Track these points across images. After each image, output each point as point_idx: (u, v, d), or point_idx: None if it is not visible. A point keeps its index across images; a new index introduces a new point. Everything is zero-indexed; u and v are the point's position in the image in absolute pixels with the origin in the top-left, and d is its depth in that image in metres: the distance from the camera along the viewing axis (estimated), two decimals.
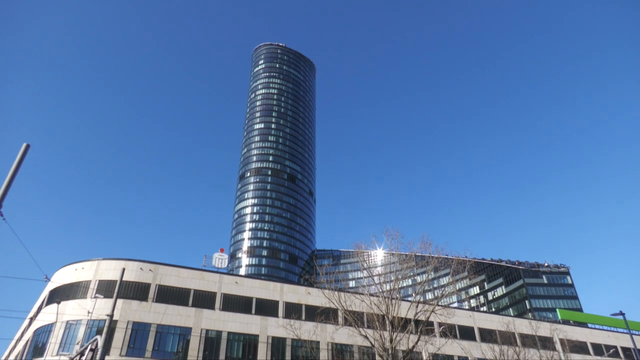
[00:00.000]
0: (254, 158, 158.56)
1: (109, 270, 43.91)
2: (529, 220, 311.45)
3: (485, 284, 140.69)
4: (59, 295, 42.76)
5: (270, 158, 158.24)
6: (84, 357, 19.32)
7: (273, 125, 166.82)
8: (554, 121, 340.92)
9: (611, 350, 60.63)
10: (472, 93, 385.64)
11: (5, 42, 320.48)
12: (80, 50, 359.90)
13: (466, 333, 56.22)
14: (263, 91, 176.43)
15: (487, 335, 55.38)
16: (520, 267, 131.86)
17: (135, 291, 43.62)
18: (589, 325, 75.98)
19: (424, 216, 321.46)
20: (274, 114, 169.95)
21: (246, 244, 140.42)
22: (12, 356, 56.08)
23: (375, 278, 43.37)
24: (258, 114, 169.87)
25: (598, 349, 62.71)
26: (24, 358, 44.30)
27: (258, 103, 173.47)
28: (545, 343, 52.16)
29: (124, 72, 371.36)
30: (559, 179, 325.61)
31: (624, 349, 65.83)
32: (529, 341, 52.43)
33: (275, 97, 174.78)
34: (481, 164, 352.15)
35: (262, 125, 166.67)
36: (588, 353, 61.33)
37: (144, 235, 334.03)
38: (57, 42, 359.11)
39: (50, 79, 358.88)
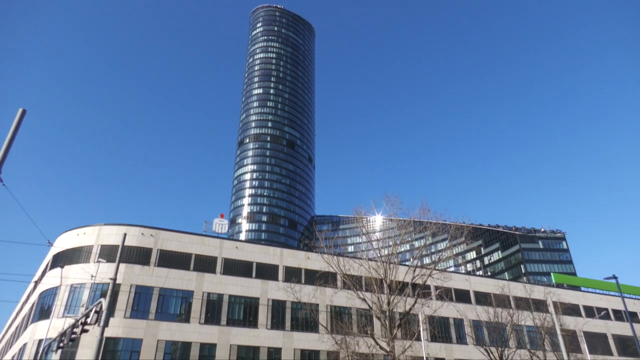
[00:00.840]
0: (253, 124, 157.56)
1: (111, 235, 44.45)
2: (528, 187, 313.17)
3: (482, 249, 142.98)
4: (62, 259, 43.46)
5: (269, 124, 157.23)
6: (89, 319, 19.83)
7: (272, 91, 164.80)
8: (552, 86, 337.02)
9: (602, 312, 62.28)
10: (474, 57, 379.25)
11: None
12: (74, 14, 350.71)
13: (462, 296, 57.61)
14: (261, 55, 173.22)
15: (482, 298, 56.75)
16: (517, 233, 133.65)
17: (137, 256, 44.34)
18: (582, 288, 77.81)
19: (423, 182, 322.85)
20: (272, 79, 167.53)
21: (246, 210, 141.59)
22: (20, 318, 57.62)
23: (374, 243, 43.98)
24: (256, 79, 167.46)
25: (590, 311, 64.45)
26: (31, 319, 45.49)
27: (256, 68, 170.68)
28: (539, 306, 53.51)
29: (118, 38, 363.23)
30: (558, 145, 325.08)
31: (615, 311, 67.67)
32: (523, 304, 53.77)
33: (273, 61, 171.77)
34: (481, 129, 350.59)
35: (260, 91, 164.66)
36: (580, 315, 63.08)
37: (144, 201, 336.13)
38: (51, 5, 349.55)
39: (47, 42, 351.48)
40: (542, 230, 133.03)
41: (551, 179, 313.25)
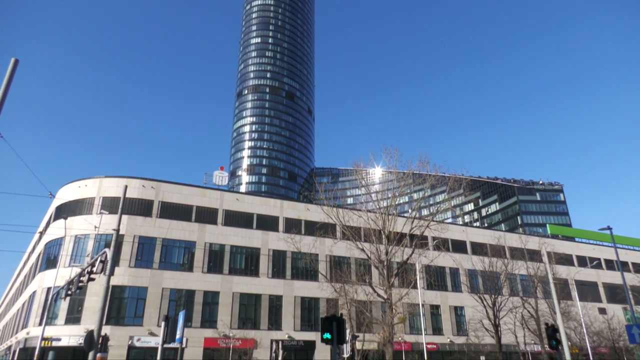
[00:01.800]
0: (251, 75, 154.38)
1: (112, 187, 44.77)
2: (529, 139, 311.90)
3: (480, 200, 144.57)
4: (65, 211, 44.03)
5: (268, 75, 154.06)
6: (94, 268, 20.36)
7: (270, 40, 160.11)
8: (551, 39, 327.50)
9: (595, 262, 63.95)
10: (476, 8, 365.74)
11: None
12: None
13: (458, 246, 58.94)
14: (259, 1, 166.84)
15: (478, 249, 58.10)
16: (515, 185, 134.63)
17: (139, 207, 44.89)
18: (576, 239, 79.41)
19: (423, 134, 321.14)
20: (271, 27, 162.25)
21: (245, 162, 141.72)
22: (27, 267, 59.22)
23: (373, 195, 44.47)
24: (254, 27, 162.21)
25: (582, 261, 66.18)
26: (38, 268, 46.76)
27: (254, 15, 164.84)
28: (533, 256, 54.83)
29: None
30: (558, 97, 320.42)
31: (607, 261, 69.51)
32: (518, 254, 55.08)
33: (272, 8, 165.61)
34: (482, 81, 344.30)
35: (258, 40, 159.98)
36: (572, 264, 64.84)
37: (144, 154, 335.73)
38: None
39: None
40: (540, 182, 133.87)
41: (551, 130, 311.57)
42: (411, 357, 47.31)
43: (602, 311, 61.76)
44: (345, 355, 20.77)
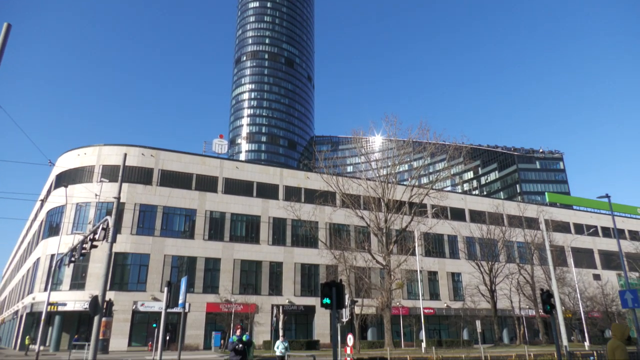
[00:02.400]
0: (250, 41, 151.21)
1: (111, 155, 44.71)
2: (529, 107, 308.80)
3: (480, 169, 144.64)
4: (66, 179, 44.14)
5: (267, 41, 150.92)
6: (97, 235, 20.59)
7: (269, 4, 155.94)
8: (550, 2, 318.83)
9: (591, 230, 64.68)
10: None
11: None
12: None
13: (457, 214, 59.44)
14: None
15: (477, 217, 58.61)
16: (515, 153, 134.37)
17: (139, 176, 44.97)
18: (574, 207, 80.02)
19: (424, 102, 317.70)
20: None
21: (245, 130, 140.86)
22: (30, 234, 59.89)
23: (373, 163, 44.45)
24: None
25: (579, 228, 66.92)
26: (41, 236, 47.31)
27: None
28: (531, 223, 55.39)
29: None
30: (561, 64, 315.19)
31: (603, 228, 70.31)
32: (516, 222, 55.65)
33: None
34: (484, 48, 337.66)
35: (257, 4, 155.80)
36: (569, 232, 65.59)
37: (142, 123, 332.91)
38: None
39: None
40: (541, 150, 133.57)
41: (553, 98, 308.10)
42: (408, 322, 48.54)
43: (597, 277, 62.94)
44: (345, 320, 21.30)
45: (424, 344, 36.81)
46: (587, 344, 42.41)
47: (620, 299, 16.83)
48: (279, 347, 17.74)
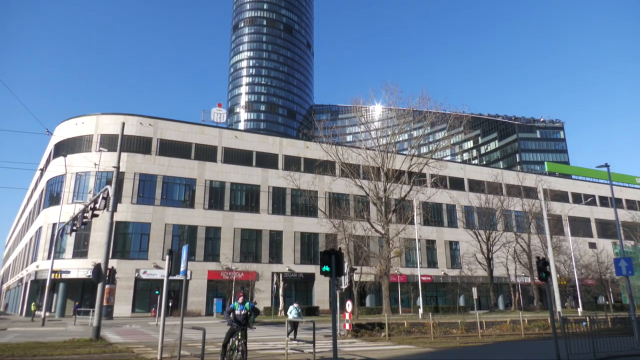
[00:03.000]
0: (247, 6, 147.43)
1: (109, 124, 44.41)
2: (531, 75, 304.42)
3: (480, 138, 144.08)
4: (64, 148, 44.01)
5: (265, 6, 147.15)
6: (97, 204, 20.71)
7: None
8: None
9: (589, 199, 65.09)
10: None
11: None
12: None
13: (456, 184, 59.67)
14: None
15: (476, 186, 58.84)
16: (516, 123, 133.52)
17: (138, 145, 44.82)
18: (573, 177, 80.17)
19: (425, 71, 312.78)
20: None
21: (244, 99, 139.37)
22: (32, 203, 60.22)
23: (372, 133, 44.25)
24: None
25: (577, 197, 67.31)
26: (42, 205, 47.59)
27: None
28: (530, 193, 55.69)
29: None
30: (564, 31, 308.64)
31: (601, 198, 70.76)
32: (515, 191, 55.91)
33: None
34: (486, 16, 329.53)
35: None
36: (567, 201, 66.03)
37: (139, 91, 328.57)
38: None
39: None
40: (542, 120, 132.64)
41: (555, 66, 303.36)
42: (406, 289, 49.51)
43: (592, 246, 63.77)
44: (344, 287, 21.72)
45: (421, 310, 37.68)
46: (580, 310, 43.43)
47: (615, 267, 17.11)
48: (292, 312, 18.06)
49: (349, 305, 20.80)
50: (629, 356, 13.06)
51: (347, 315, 20.82)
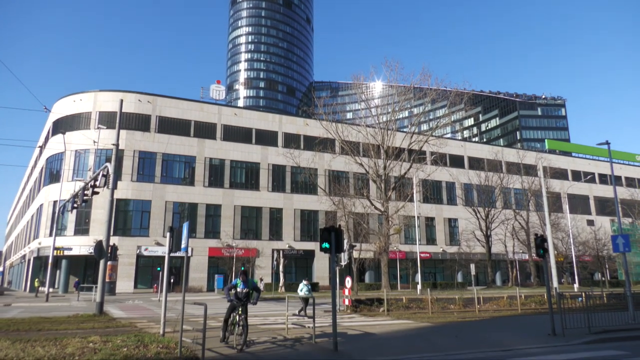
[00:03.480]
0: None
1: (108, 101, 44.05)
2: (533, 51, 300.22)
3: (480, 115, 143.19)
4: (63, 126, 43.78)
5: None
6: (97, 182, 20.73)
7: None
8: None
9: (588, 177, 65.14)
10: None
11: None
12: None
13: (456, 161, 59.62)
14: None
15: (476, 164, 58.80)
16: (517, 99, 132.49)
17: (137, 122, 44.57)
18: (573, 154, 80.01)
19: (426, 47, 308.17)
20: None
21: (242, 76, 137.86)
22: (32, 181, 60.28)
23: (373, 110, 43.90)
24: None
25: (577, 175, 67.38)
26: (42, 183, 47.65)
27: None
28: (529, 170, 55.69)
29: None
30: (566, 7, 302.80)
31: (601, 175, 70.82)
32: (514, 169, 55.93)
33: None
34: None
35: None
36: (567, 179, 66.11)
37: (136, 68, 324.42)
38: None
39: None
40: (543, 97, 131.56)
41: (558, 43, 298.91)
42: (405, 265, 50.06)
43: (591, 223, 64.18)
44: (343, 263, 21.96)
45: (419, 286, 38.18)
46: (576, 286, 44.03)
47: (612, 244, 17.25)
48: (303, 290, 18.06)
49: (348, 282, 21.05)
50: (623, 330, 13.30)
51: (346, 291, 21.10)
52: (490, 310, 21.32)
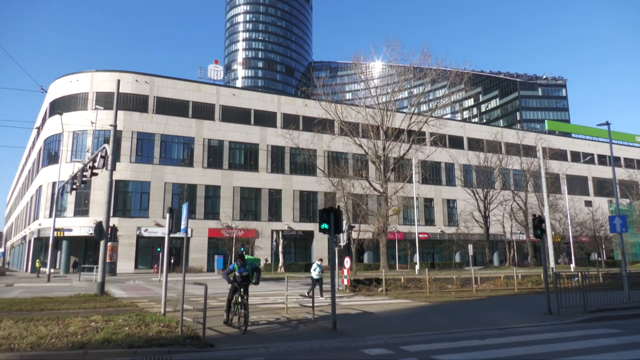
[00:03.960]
0: None
1: (105, 82, 43.64)
2: (535, 30, 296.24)
3: (481, 96, 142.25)
4: (60, 106, 43.46)
5: None
6: (96, 163, 20.67)
7: None
8: None
9: (587, 158, 65.16)
10: None
11: None
12: None
13: (455, 142, 59.49)
14: None
15: (475, 144, 58.70)
16: (518, 80, 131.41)
17: (134, 103, 44.24)
18: (573, 135, 79.87)
19: (427, 25, 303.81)
20: None
21: (241, 55, 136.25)
22: (30, 162, 60.14)
23: (372, 90, 43.55)
24: None
25: (576, 156, 67.36)
26: (41, 164, 47.54)
27: None
28: (528, 151, 55.62)
29: None
30: None
31: (600, 156, 70.84)
32: (514, 150, 55.85)
33: None
34: None
35: None
36: (566, 160, 66.12)
37: (132, 47, 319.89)
38: None
39: None
40: (544, 77, 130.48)
41: (560, 21, 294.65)
42: (403, 246, 50.44)
43: (588, 204, 64.41)
44: (342, 244, 22.10)
45: (417, 267, 38.55)
46: (572, 266, 44.45)
47: (610, 224, 17.35)
48: (316, 270, 17.90)
49: (347, 262, 21.22)
50: (618, 309, 13.49)
51: (345, 272, 21.29)
52: (487, 290, 21.57)
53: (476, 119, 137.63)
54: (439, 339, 9.44)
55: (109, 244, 23.83)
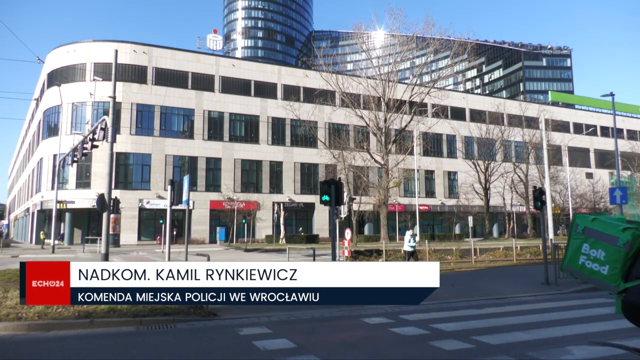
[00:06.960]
0: None
1: (102, 52, 42.96)
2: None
3: (484, 66, 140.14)
4: (58, 77, 42.95)
5: None
6: (96, 135, 20.58)
7: None
8: None
9: (590, 129, 64.71)
10: None
11: None
12: None
13: (457, 114, 59.01)
14: None
15: (477, 116, 58.21)
16: (522, 50, 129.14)
17: (133, 74, 43.69)
18: (576, 106, 79.04)
19: None
20: None
21: (240, 25, 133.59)
22: (30, 134, 59.94)
23: (374, 60, 42.84)
24: None
25: (579, 127, 66.90)
26: (41, 136, 47.39)
27: None
28: (531, 123, 55.21)
29: None
30: None
31: (603, 128, 70.30)
32: (516, 121, 55.42)
33: None
34: None
35: None
36: (568, 131, 65.69)
37: (129, 16, 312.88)
38: None
39: None
40: (549, 46, 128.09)
41: None
42: (404, 217, 50.78)
43: (589, 176, 64.45)
44: (343, 216, 22.26)
45: (417, 238, 38.90)
46: None
47: (610, 196, 17.41)
48: (410, 241, 17.09)
49: (348, 234, 21.42)
50: None
51: (346, 243, 21.52)
52: (486, 261, 21.85)
53: (479, 90, 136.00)
54: (437, 308, 9.63)
55: (112, 215, 24.02)
